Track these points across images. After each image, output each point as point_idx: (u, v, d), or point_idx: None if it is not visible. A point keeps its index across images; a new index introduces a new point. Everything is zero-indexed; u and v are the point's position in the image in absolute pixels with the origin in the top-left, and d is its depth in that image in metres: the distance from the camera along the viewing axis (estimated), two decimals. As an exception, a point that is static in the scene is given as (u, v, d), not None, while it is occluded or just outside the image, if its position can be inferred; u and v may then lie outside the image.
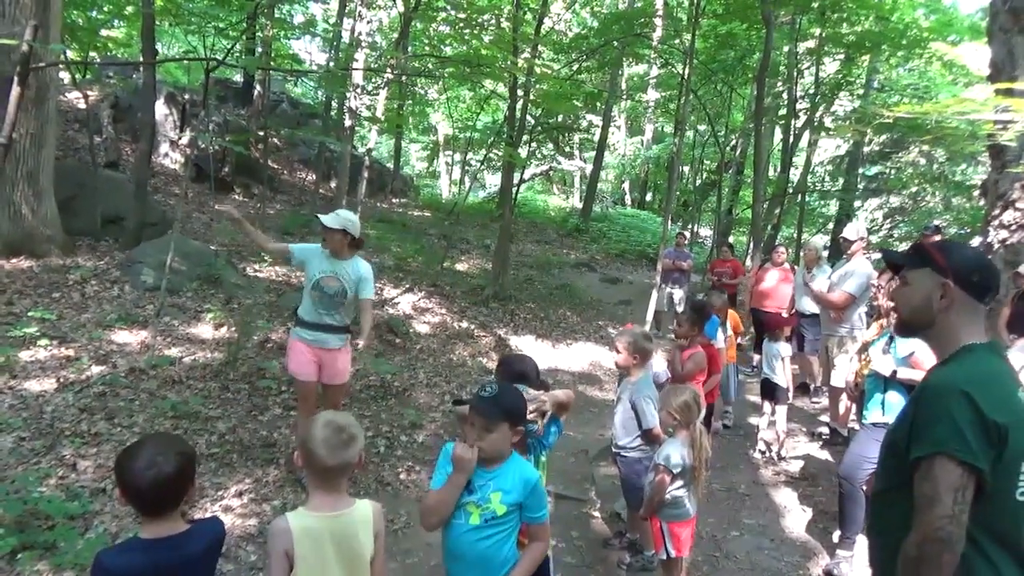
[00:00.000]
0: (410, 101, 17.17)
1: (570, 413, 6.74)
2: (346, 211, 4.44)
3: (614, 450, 3.97)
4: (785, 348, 5.84)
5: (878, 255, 11.57)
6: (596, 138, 19.56)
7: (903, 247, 11.13)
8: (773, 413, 5.90)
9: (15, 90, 3.89)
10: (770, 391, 5.86)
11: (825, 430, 6.35)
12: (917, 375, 3.68)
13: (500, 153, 11.31)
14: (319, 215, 4.27)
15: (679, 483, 3.30)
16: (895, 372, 3.84)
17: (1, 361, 4.84)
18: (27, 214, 6.68)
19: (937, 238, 7.22)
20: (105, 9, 11.29)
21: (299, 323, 4.27)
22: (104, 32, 11.47)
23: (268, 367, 5.89)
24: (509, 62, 9.05)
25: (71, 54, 10.49)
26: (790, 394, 5.93)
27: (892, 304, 3.80)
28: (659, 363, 4.60)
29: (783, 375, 5.74)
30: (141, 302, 6.44)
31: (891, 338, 4.01)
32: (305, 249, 4.32)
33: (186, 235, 8.07)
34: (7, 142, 3.96)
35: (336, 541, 2.00)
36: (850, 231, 6.18)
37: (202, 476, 4.17)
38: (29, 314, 5.61)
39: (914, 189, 16.94)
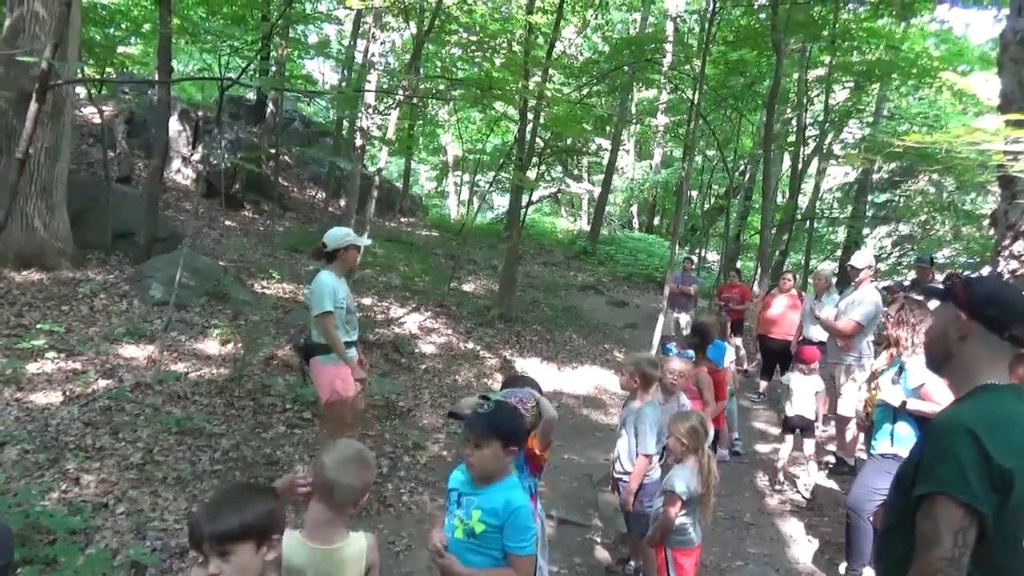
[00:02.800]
0: (421, 122, 17.32)
1: (575, 438, 6.68)
2: (349, 229, 4.66)
3: (616, 476, 3.92)
4: (800, 381, 5.56)
5: (886, 283, 11.55)
6: (605, 161, 19.62)
7: (911, 275, 11.10)
8: (802, 447, 5.62)
9: (33, 106, 3.92)
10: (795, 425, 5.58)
11: (831, 458, 6.29)
12: (927, 406, 3.65)
13: (509, 175, 11.37)
14: (355, 242, 4.37)
15: (685, 510, 3.27)
16: (904, 403, 3.80)
17: (8, 373, 4.86)
18: (39, 227, 6.75)
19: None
20: (123, 26, 11.48)
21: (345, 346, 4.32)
22: (121, 49, 11.64)
23: (273, 384, 5.88)
24: (520, 85, 9.13)
25: (88, 70, 10.65)
26: (818, 425, 5.69)
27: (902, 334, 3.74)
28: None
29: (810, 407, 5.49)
30: (149, 316, 6.47)
31: (901, 368, 3.98)
32: (331, 293, 4.21)
33: (196, 251, 8.12)
34: (23, 157, 3.99)
35: (317, 573, 1.97)
36: (857, 259, 6.16)
37: (204, 494, 4.14)
38: (38, 326, 5.65)
39: (923, 218, 16.94)
